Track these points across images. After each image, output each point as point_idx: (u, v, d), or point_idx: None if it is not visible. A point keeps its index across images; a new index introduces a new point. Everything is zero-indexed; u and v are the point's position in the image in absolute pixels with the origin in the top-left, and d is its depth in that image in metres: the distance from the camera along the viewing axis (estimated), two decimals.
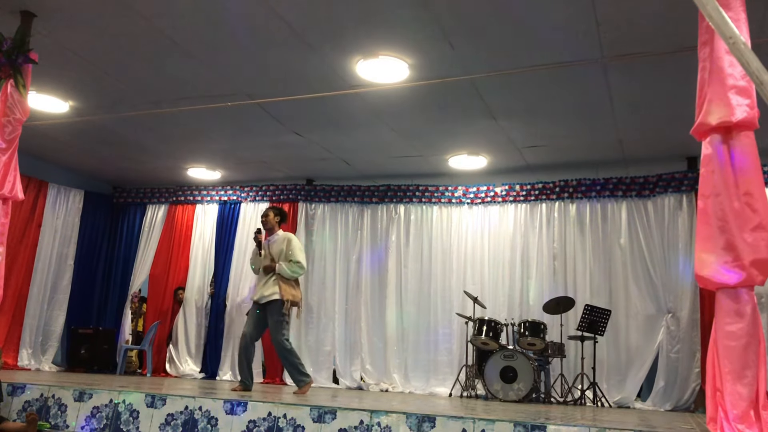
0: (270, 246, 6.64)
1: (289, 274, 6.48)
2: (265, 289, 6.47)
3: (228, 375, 9.57)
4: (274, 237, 6.69)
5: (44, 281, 9.79)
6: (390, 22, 5.43)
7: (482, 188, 9.40)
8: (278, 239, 6.66)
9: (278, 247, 6.57)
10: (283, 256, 6.52)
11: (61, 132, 8.50)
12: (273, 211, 6.80)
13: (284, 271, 6.46)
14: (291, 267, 6.49)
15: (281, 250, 6.54)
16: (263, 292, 6.46)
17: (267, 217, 6.75)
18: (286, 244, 6.57)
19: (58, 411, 4.74)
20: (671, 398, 7.85)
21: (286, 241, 6.60)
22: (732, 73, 3.30)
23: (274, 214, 6.76)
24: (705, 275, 3.26)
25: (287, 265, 6.48)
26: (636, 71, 6.10)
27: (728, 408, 3.11)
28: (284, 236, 6.69)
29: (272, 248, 6.60)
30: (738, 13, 3.35)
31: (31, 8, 5.42)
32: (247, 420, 4.27)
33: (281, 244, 6.58)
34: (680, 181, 8.30)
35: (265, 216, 6.77)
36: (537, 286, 8.81)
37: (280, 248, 6.56)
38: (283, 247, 6.55)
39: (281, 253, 6.53)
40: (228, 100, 7.02)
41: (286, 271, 6.46)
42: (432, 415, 3.95)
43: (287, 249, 6.54)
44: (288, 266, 6.48)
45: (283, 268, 6.46)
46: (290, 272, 6.49)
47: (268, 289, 6.44)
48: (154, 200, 10.83)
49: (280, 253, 6.54)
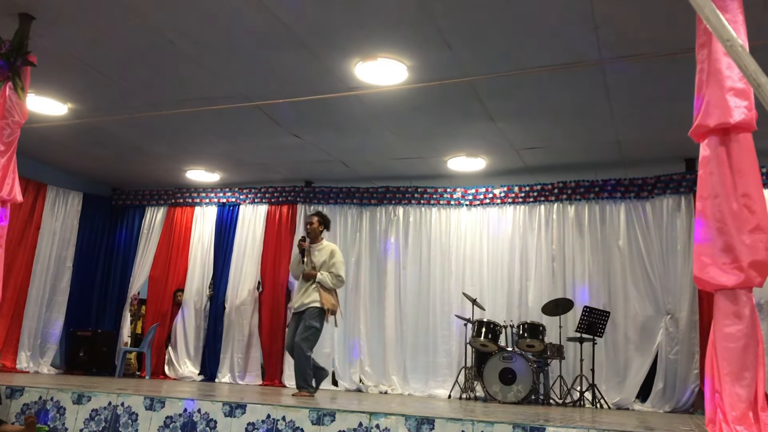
0: (313, 253, 6.64)
1: (329, 285, 6.51)
2: (305, 297, 6.48)
3: (227, 377, 9.57)
4: (319, 245, 6.70)
5: (43, 283, 9.78)
6: (388, 25, 5.44)
7: (481, 190, 9.41)
8: (323, 248, 6.67)
9: (322, 257, 6.59)
10: (326, 266, 6.55)
11: (59, 134, 8.49)
12: (318, 217, 6.78)
13: (326, 281, 6.48)
14: (332, 279, 6.53)
15: (324, 260, 6.56)
16: (303, 300, 6.47)
17: (312, 224, 6.74)
18: (329, 255, 6.59)
19: (56, 414, 4.73)
20: (670, 400, 7.85)
21: (330, 252, 6.62)
22: (730, 75, 3.31)
23: (319, 222, 6.75)
24: (703, 277, 3.27)
25: (329, 277, 6.51)
26: (634, 73, 6.11)
27: (727, 409, 3.12)
28: (329, 247, 6.71)
29: (315, 256, 6.62)
30: (735, 16, 3.37)
31: (30, 11, 5.42)
32: (245, 422, 4.27)
33: (325, 254, 6.60)
34: (679, 183, 8.30)
35: (310, 223, 6.76)
36: (536, 287, 8.81)
37: (323, 258, 6.58)
38: (327, 258, 6.57)
39: (324, 264, 6.56)
40: (227, 103, 7.02)
41: (328, 281, 6.49)
42: (431, 417, 3.95)
43: (330, 260, 6.57)
44: (330, 277, 6.51)
45: (325, 278, 6.48)
46: (331, 284, 6.52)
47: (308, 297, 6.45)
48: (153, 202, 10.83)
49: (323, 263, 6.56)
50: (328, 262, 6.55)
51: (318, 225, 6.72)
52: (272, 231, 10.02)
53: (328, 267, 6.54)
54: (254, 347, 9.66)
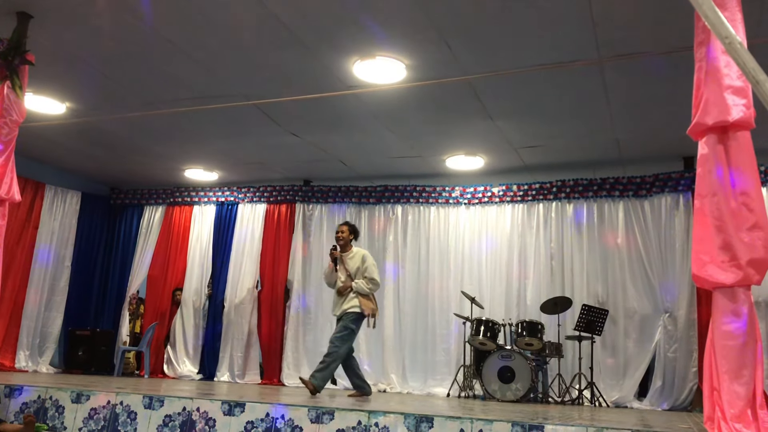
0: (345, 261, 6.81)
1: (366, 291, 6.66)
2: (344, 304, 6.65)
3: (226, 376, 9.57)
4: (350, 253, 6.85)
5: (41, 283, 9.77)
6: (387, 23, 5.43)
7: (479, 188, 9.41)
8: (354, 255, 6.83)
9: (354, 264, 6.75)
10: (360, 272, 6.71)
11: (57, 133, 8.48)
12: (347, 227, 6.96)
13: (362, 288, 6.63)
14: (368, 284, 6.67)
15: (357, 267, 6.73)
16: (343, 307, 6.64)
17: (342, 233, 6.90)
18: (361, 261, 6.75)
19: (55, 412, 4.73)
20: (669, 398, 7.85)
21: (361, 257, 6.79)
22: (728, 73, 3.31)
23: (349, 231, 6.92)
24: (702, 275, 3.27)
25: (364, 283, 6.65)
26: (633, 71, 6.11)
27: (725, 407, 3.12)
28: (360, 253, 6.87)
29: (348, 264, 6.78)
30: (734, 13, 3.37)
31: (28, 9, 5.41)
32: (244, 421, 4.27)
33: (357, 261, 6.76)
34: (677, 181, 8.31)
35: (340, 232, 6.92)
36: (534, 286, 8.82)
37: (356, 265, 6.74)
38: (359, 264, 6.74)
39: (357, 270, 6.72)
40: (225, 102, 7.02)
41: (364, 288, 6.64)
42: (430, 415, 3.95)
43: (363, 265, 6.73)
44: (365, 283, 6.66)
45: (361, 285, 6.63)
46: (367, 289, 6.66)
47: (347, 303, 6.63)
48: (151, 201, 10.82)
49: (356, 269, 6.72)
50: (361, 268, 6.72)
51: (348, 234, 6.90)
52: (271, 230, 10.02)
53: (362, 272, 6.71)
54: (253, 346, 9.66)
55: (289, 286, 9.78)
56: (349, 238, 6.90)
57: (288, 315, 9.66)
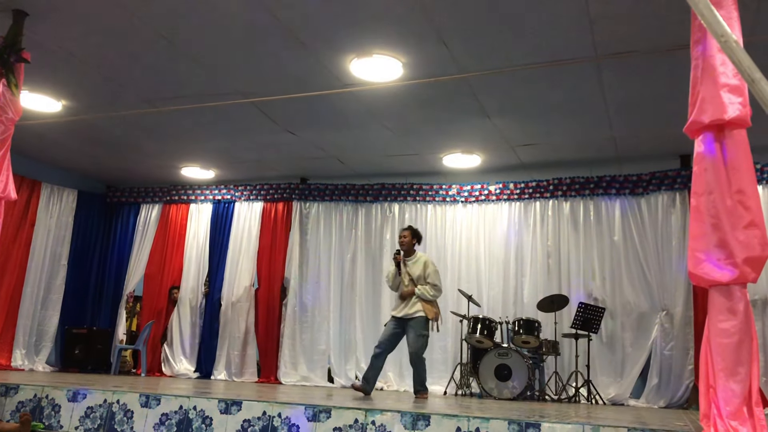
0: (408, 266, 6.86)
1: (429, 298, 6.71)
2: (408, 308, 6.70)
3: (222, 374, 9.56)
4: (413, 258, 6.93)
5: (38, 281, 9.75)
6: (384, 21, 5.43)
7: (476, 186, 9.41)
8: (417, 261, 6.90)
9: (417, 270, 6.80)
10: (422, 278, 6.77)
11: (54, 131, 8.46)
12: (410, 231, 7.01)
13: (425, 295, 6.69)
14: (431, 291, 6.74)
15: (420, 273, 6.78)
16: (407, 311, 6.69)
17: (405, 237, 6.96)
18: (423, 267, 6.81)
19: (51, 411, 4.73)
20: (665, 395, 7.87)
21: (424, 263, 6.85)
22: (724, 71, 3.31)
23: (411, 236, 6.97)
24: (698, 273, 3.27)
25: (427, 290, 6.72)
26: (629, 69, 6.11)
27: (721, 405, 3.13)
28: (422, 258, 6.93)
29: (411, 269, 6.83)
30: (730, 12, 3.36)
31: (24, 7, 5.39)
32: (241, 419, 4.27)
33: (420, 268, 6.82)
34: (673, 179, 8.32)
35: (403, 237, 6.99)
36: (531, 284, 8.82)
37: (419, 271, 6.79)
38: (421, 271, 6.79)
39: (420, 276, 6.77)
40: (222, 99, 7.01)
41: (428, 295, 6.69)
42: (426, 413, 3.96)
43: (425, 271, 6.79)
44: (428, 290, 6.72)
45: (425, 292, 6.69)
46: (430, 296, 6.72)
47: (412, 308, 6.68)
48: (148, 199, 10.80)
49: (418, 275, 6.78)
50: (423, 274, 6.78)
51: (410, 239, 6.95)
52: (268, 228, 10.01)
53: (425, 278, 6.77)
54: (250, 344, 9.65)
55: (285, 284, 9.77)
56: (412, 243, 6.96)
57: (285, 313, 9.66)
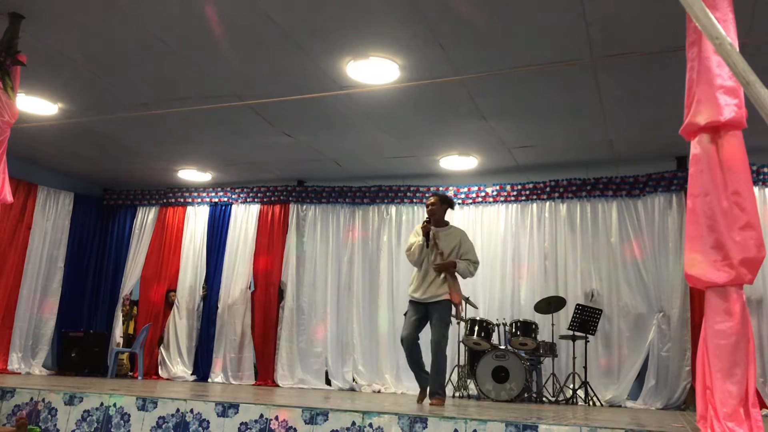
0: (439, 238, 5.82)
1: (468, 275, 5.85)
2: (434, 287, 5.73)
3: (219, 377, 9.55)
4: (445, 229, 5.90)
5: (34, 284, 9.73)
6: (380, 23, 5.43)
7: (473, 189, 9.42)
8: (450, 233, 5.89)
9: (451, 243, 5.80)
10: (456, 253, 5.80)
11: (50, 134, 8.45)
12: (437, 197, 5.94)
13: (465, 271, 5.78)
14: (471, 267, 5.82)
15: (454, 246, 5.80)
16: (434, 291, 5.71)
17: (434, 205, 5.88)
18: (459, 241, 5.83)
19: (48, 415, 4.71)
20: (662, 397, 7.88)
21: (460, 236, 5.87)
22: (720, 73, 3.32)
23: (441, 202, 5.90)
24: (694, 274, 3.27)
25: (467, 265, 5.80)
26: (625, 71, 6.13)
27: (718, 406, 3.13)
28: (457, 231, 5.95)
29: (442, 242, 5.80)
30: (725, 14, 3.37)
31: (20, 10, 5.39)
32: (238, 422, 4.26)
33: (454, 240, 5.82)
34: (670, 181, 8.34)
35: (432, 204, 5.90)
36: (528, 286, 8.83)
37: (453, 244, 5.80)
38: (457, 244, 5.81)
39: (454, 250, 5.79)
40: (218, 102, 7.00)
41: (466, 271, 5.79)
42: (424, 415, 3.95)
43: (461, 246, 5.82)
44: (468, 265, 5.80)
45: (465, 268, 5.77)
46: (470, 273, 5.84)
47: (439, 288, 5.71)
48: (144, 202, 10.79)
49: (452, 249, 5.79)
50: (458, 249, 5.79)
51: (440, 205, 5.86)
52: (264, 231, 10.01)
53: (460, 254, 5.79)
54: (247, 347, 9.65)
55: (282, 287, 9.76)
56: (442, 210, 5.87)
57: (282, 316, 9.65)
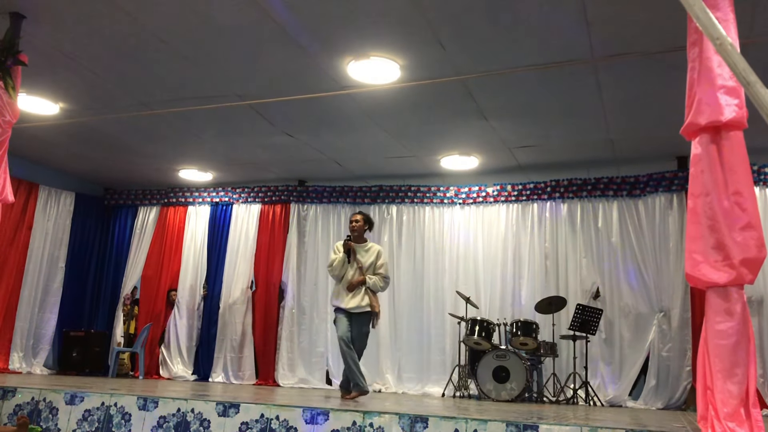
0: (360, 254, 6.37)
1: (379, 289, 6.34)
2: (360, 299, 6.24)
3: (220, 377, 9.55)
4: (365, 245, 6.45)
5: (35, 284, 9.73)
6: (381, 23, 5.43)
7: (474, 188, 9.42)
8: (369, 249, 6.43)
9: (369, 258, 6.36)
10: (373, 268, 6.33)
11: (51, 134, 8.46)
12: (362, 216, 6.48)
13: (377, 285, 6.30)
14: (382, 282, 6.34)
15: (371, 262, 6.34)
16: (360, 303, 6.23)
17: (358, 222, 6.43)
18: (376, 257, 6.38)
19: (49, 414, 4.72)
20: (663, 397, 7.88)
21: (377, 253, 6.41)
22: (721, 73, 3.32)
23: (364, 221, 6.46)
24: (695, 274, 3.28)
25: (379, 280, 6.32)
26: (626, 71, 6.12)
27: (719, 406, 3.13)
28: (375, 247, 6.48)
29: (363, 257, 6.35)
30: (726, 14, 3.37)
31: (21, 10, 5.40)
32: (239, 422, 4.26)
33: (372, 256, 6.37)
34: (671, 181, 8.34)
35: (355, 222, 6.45)
36: (529, 285, 8.83)
37: (371, 260, 6.35)
38: (374, 259, 6.36)
39: (371, 265, 6.33)
40: (219, 102, 7.01)
41: (378, 285, 6.31)
42: (425, 415, 3.96)
43: (377, 261, 6.36)
44: (379, 280, 6.32)
45: (376, 282, 6.30)
46: (380, 288, 6.34)
47: (363, 300, 6.23)
48: (145, 202, 10.79)
49: (370, 264, 6.33)
50: (375, 264, 6.33)
51: (363, 224, 6.43)
52: (265, 230, 10.01)
53: (375, 269, 6.33)
54: (247, 347, 9.65)
55: (283, 286, 9.77)
56: (363, 229, 6.42)
57: (282, 315, 9.65)
